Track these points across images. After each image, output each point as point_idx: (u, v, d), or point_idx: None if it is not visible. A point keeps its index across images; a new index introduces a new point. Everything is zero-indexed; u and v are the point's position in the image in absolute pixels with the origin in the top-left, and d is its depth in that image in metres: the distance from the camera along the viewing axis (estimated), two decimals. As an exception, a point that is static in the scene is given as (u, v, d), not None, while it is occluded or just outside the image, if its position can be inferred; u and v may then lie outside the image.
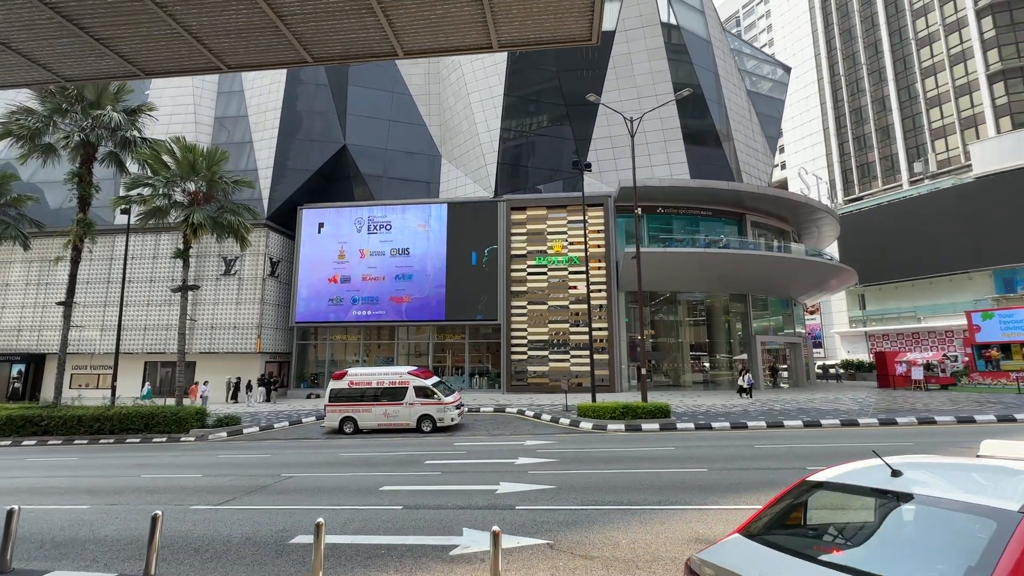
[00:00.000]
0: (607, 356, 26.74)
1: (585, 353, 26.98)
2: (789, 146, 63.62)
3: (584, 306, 27.23)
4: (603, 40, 31.34)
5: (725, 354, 30.47)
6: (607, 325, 26.97)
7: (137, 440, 17.05)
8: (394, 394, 16.85)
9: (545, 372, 27.57)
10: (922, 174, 48.38)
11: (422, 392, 16.78)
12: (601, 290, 27.25)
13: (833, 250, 43.92)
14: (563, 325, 27.82)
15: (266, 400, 27.71)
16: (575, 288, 27.79)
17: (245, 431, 18.12)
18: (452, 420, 16.73)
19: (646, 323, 28.20)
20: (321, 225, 30.62)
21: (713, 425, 15.64)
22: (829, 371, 37.42)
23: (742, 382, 23.69)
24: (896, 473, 2.69)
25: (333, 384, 17.30)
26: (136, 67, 4.71)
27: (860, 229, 45.61)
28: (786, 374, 31.26)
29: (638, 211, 19.01)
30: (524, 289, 28.37)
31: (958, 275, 40.84)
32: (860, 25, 55.77)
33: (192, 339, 28.20)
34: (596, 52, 31.46)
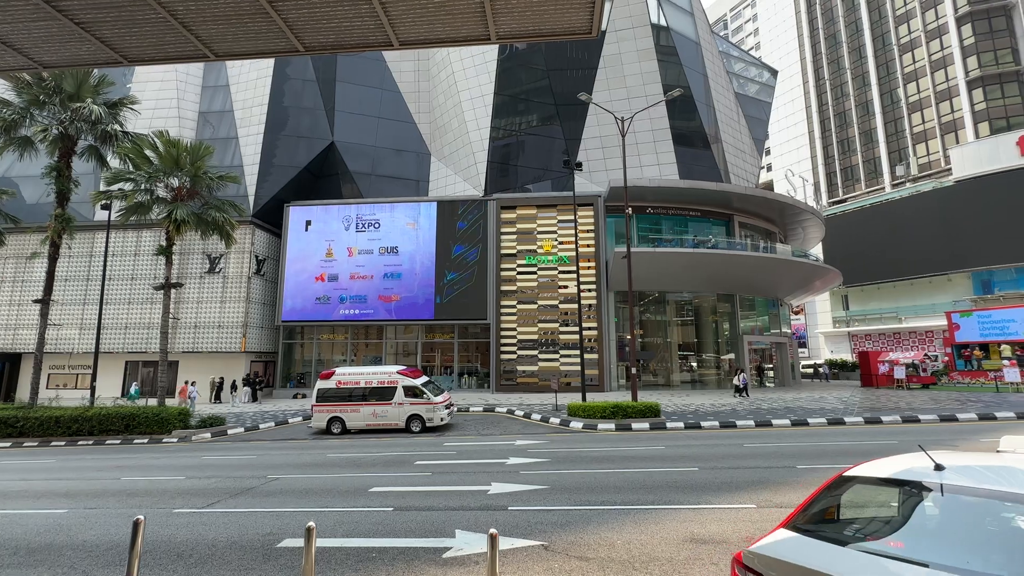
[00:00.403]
0: (596, 356, 26.78)
1: (574, 353, 27.00)
2: (775, 148, 64.46)
3: (573, 306, 27.25)
4: (593, 40, 31.40)
5: (713, 354, 30.71)
6: (596, 325, 27.01)
7: (117, 441, 16.61)
8: (383, 394, 16.65)
9: (534, 372, 27.52)
10: (904, 177, 49.33)
11: (411, 392, 16.60)
12: (591, 290, 27.28)
13: (818, 251, 44.59)
14: (552, 325, 27.80)
15: (252, 400, 27.26)
16: (565, 287, 27.78)
17: (230, 432, 17.77)
18: (442, 420, 16.58)
19: (635, 323, 28.28)
20: (308, 223, 30.19)
21: (703, 424, 15.72)
22: (819, 370, 37.98)
23: (737, 381, 23.94)
24: (939, 467, 2.77)
25: (321, 384, 17.04)
26: (118, 53, 4.52)
27: (843, 231, 46.42)
28: (771, 373, 31.63)
29: (629, 211, 19.04)
30: (514, 288, 28.30)
31: (938, 277, 41.74)
32: (845, 30, 56.67)
33: (175, 338, 27.61)
34: (586, 52, 31.50)
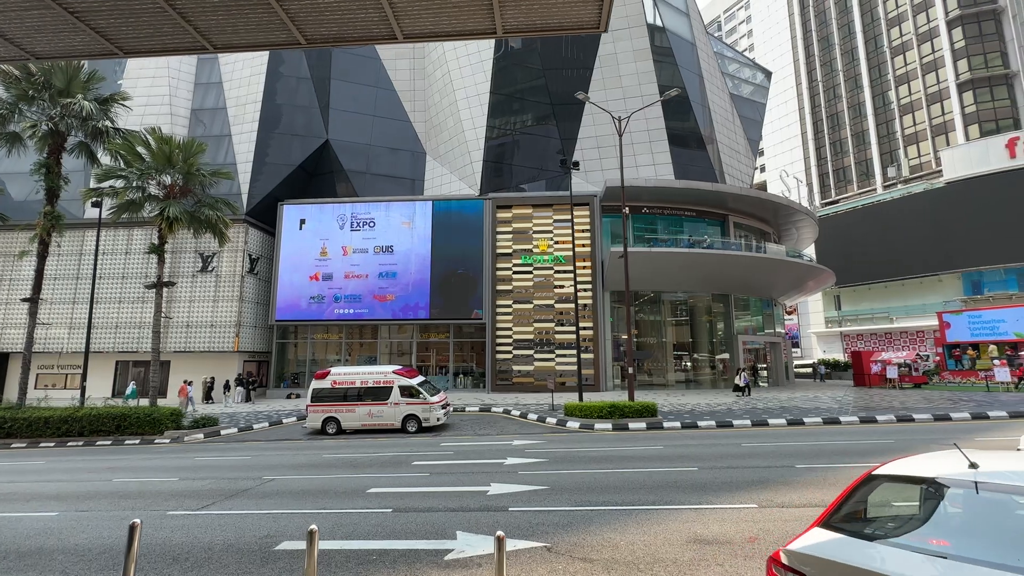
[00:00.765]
0: (592, 355, 26.77)
1: (570, 353, 26.98)
2: (768, 149, 64.84)
3: (569, 305, 27.23)
4: (589, 40, 31.41)
5: (707, 354, 30.81)
6: (592, 324, 27.00)
7: (108, 442, 16.36)
8: (378, 394, 16.52)
9: (530, 371, 27.46)
10: (895, 179, 49.81)
11: (407, 392, 16.49)
12: (586, 290, 27.27)
13: (810, 252, 44.91)
14: (548, 324, 27.76)
15: (245, 400, 26.99)
16: (561, 287, 27.76)
17: (223, 432, 17.56)
18: (438, 420, 16.48)
19: (631, 323, 28.31)
20: (303, 221, 29.94)
21: (699, 424, 15.73)
22: (817, 370, 38.22)
23: (739, 380, 24.06)
24: (974, 465, 2.78)
25: (315, 384, 16.89)
26: (113, 45, 4.39)
27: (836, 232, 46.79)
28: (765, 373, 31.79)
29: (626, 210, 19.03)
30: (510, 288, 28.22)
31: (928, 277, 42.19)
32: (837, 32, 57.13)
33: (167, 337, 27.27)
34: (582, 52, 31.50)
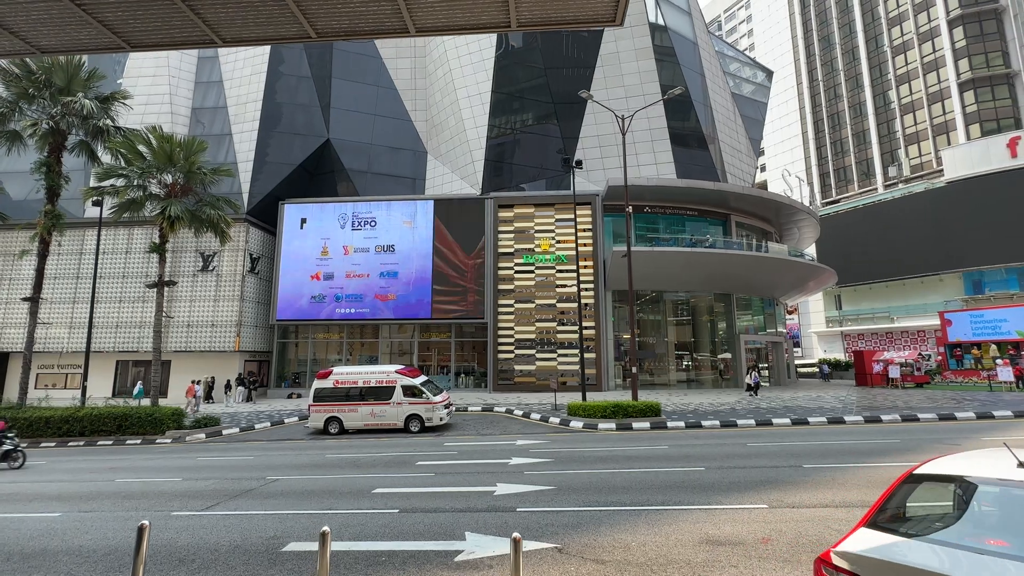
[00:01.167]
0: (594, 355, 26.71)
1: (571, 352, 26.93)
2: (768, 149, 64.77)
3: (571, 305, 27.17)
4: (591, 39, 31.34)
5: (708, 353, 30.76)
6: (594, 324, 26.93)
7: (109, 442, 16.28)
8: (381, 393, 16.45)
9: (532, 371, 27.40)
10: (896, 178, 49.77)
11: (410, 391, 16.42)
12: (588, 289, 27.20)
13: (811, 251, 44.87)
14: (550, 324, 27.69)
15: (247, 400, 26.91)
16: (562, 287, 27.69)
17: (225, 432, 17.48)
18: (441, 420, 16.42)
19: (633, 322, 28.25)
20: (304, 221, 29.85)
21: (703, 424, 15.67)
22: (822, 369, 38.13)
23: (749, 380, 24.06)
24: (1023, 464, 2.75)
25: (317, 383, 16.81)
26: (120, 38, 4.32)
27: (837, 231, 46.75)
28: (767, 372, 31.73)
29: (629, 209, 18.97)
30: (511, 287, 28.16)
31: (929, 277, 42.17)
32: (838, 32, 57.08)
33: (167, 337, 27.18)
34: (584, 51, 31.43)
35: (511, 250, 28.49)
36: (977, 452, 3.09)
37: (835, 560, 2.72)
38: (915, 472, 3.13)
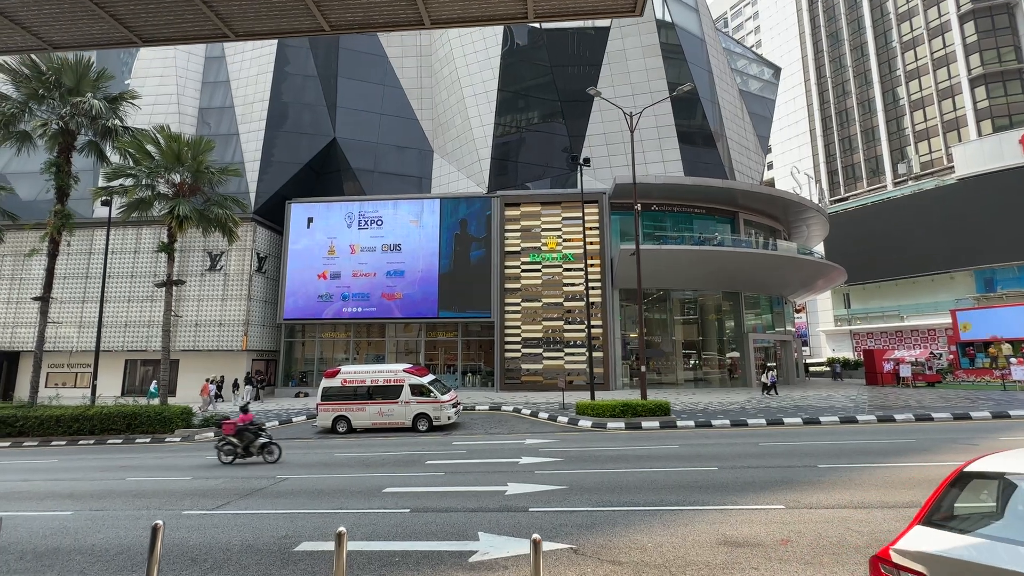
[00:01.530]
0: (602, 354, 26.57)
1: (578, 351, 26.81)
2: (776, 146, 64.25)
3: (578, 304, 27.05)
4: (597, 36, 31.17)
5: (716, 352, 30.54)
6: (601, 322, 26.80)
7: (119, 441, 16.36)
8: (389, 392, 16.42)
9: (539, 370, 27.31)
10: (906, 176, 49.25)
11: (418, 390, 16.39)
12: (595, 287, 27.07)
13: (819, 250, 44.47)
14: (557, 323, 27.58)
15: (254, 399, 26.98)
16: (569, 285, 27.58)
17: (233, 431, 17.48)
18: (449, 419, 16.37)
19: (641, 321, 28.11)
20: (310, 220, 29.89)
21: (713, 423, 15.53)
22: (834, 368, 37.41)
23: (765, 379, 23.83)
24: None
25: (325, 382, 16.81)
26: (133, 33, 4.28)
27: (845, 229, 46.27)
28: (775, 372, 31.39)
29: (637, 207, 18.83)
30: (518, 286, 28.06)
31: (940, 275, 41.69)
32: (847, 28, 56.53)
33: (175, 336, 27.31)
34: (590, 49, 31.26)
35: (517, 249, 28.40)
36: None
37: (896, 559, 2.64)
38: (966, 470, 3.05)
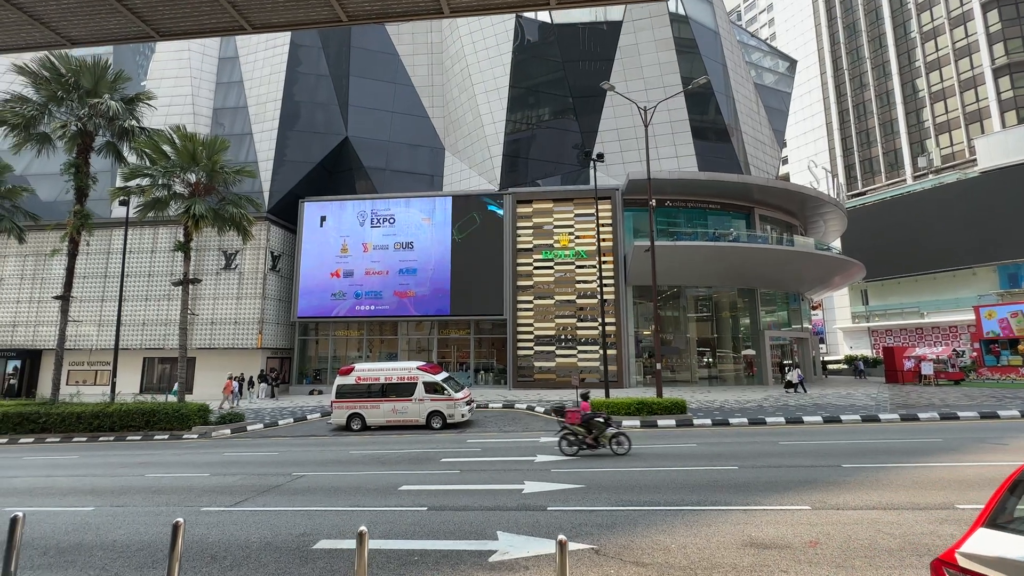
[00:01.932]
0: (615, 351, 26.35)
1: (592, 349, 26.62)
2: (791, 140, 63.20)
3: (590, 301, 26.86)
4: (609, 31, 30.83)
5: (731, 350, 30.13)
6: (615, 320, 26.57)
7: (138, 437, 16.58)
8: (403, 390, 16.43)
9: (552, 368, 27.17)
10: (926, 169, 48.12)
11: (432, 388, 16.37)
12: (608, 284, 26.84)
13: (836, 245, 43.70)
14: (570, 320, 27.41)
15: (269, 396, 27.25)
16: (582, 282, 27.38)
17: (249, 428, 17.67)
18: (463, 416, 16.33)
19: (656, 318, 27.84)
20: (323, 218, 30.04)
21: (730, 421, 15.30)
22: (856, 365, 36.44)
23: (791, 377, 23.40)
24: None
25: (340, 380, 16.87)
26: (150, 27, 4.24)
27: (863, 224, 45.33)
28: (800, 369, 30.89)
29: (652, 203, 18.59)
30: (530, 283, 27.93)
31: (962, 270, 40.64)
32: (864, 19, 55.34)
33: (191, 334, 27.64)
34: (602, 43, 30.93)
35: (530, 246, 28.26)
36: None
37: (963, 563, 2.51)
38: None
